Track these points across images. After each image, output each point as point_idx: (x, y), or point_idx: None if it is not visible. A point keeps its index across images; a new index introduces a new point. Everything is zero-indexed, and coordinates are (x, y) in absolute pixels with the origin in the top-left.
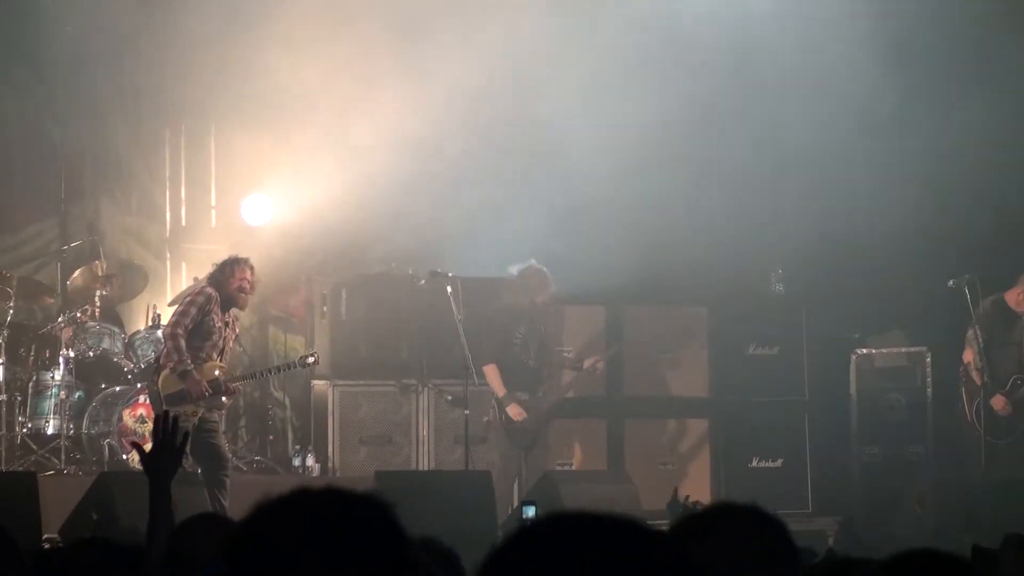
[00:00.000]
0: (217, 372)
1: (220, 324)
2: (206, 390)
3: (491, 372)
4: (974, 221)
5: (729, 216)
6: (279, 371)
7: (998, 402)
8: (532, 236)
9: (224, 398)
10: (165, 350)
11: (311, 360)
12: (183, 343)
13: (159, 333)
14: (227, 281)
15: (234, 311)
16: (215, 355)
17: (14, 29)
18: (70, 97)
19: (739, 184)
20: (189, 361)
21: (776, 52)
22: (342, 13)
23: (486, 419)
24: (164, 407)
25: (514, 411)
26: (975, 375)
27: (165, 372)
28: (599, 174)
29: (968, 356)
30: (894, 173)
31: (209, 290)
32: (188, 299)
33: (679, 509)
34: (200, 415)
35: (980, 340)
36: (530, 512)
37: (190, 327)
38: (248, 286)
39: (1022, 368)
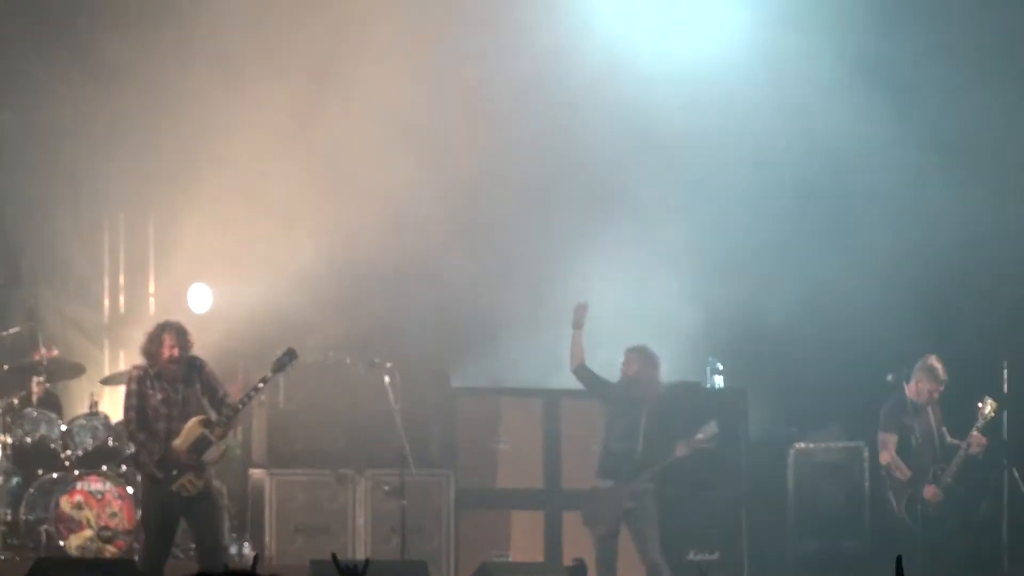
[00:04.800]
0: (202, 428)
1: (164, 394)
2: (184, 453)
3: None
4: (913, 315)
5: (666, 307)
6: (266, 383)
7: (929, 491)
8: (467, 329)
9: (216, 446)
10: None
11: (287, 358)
12: (141, 435)
13: (96, 421)
14: (158, 351)
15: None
16: (178, 424)
17: None
18: (7, 183)
19: (676, 274)
20: (156, 449)
21: (716, 146)
22: (283, 102)
23: None
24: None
25: None
26: (898, 474)
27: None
28: (536, 264)
29: (885, 458)
30: (832, 267)
31: (135, 372)
32: (124, 396)
33: None
34: (200, 486)
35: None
36: None
37: (135, 418)
38: (177, 355)
39: (935, 457)
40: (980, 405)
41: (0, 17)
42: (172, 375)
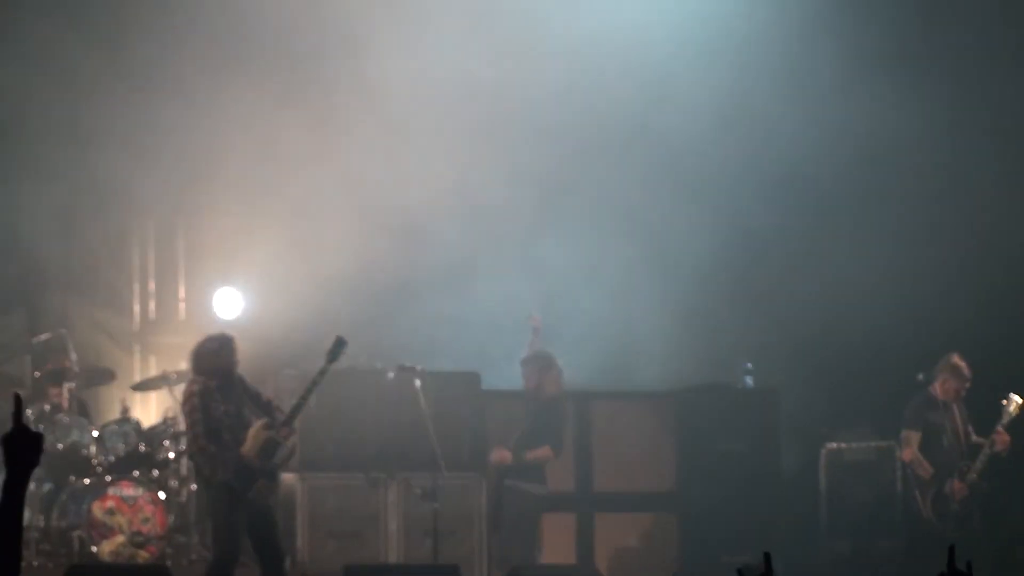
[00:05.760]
0: (267, 432)
1: (225, 406)
2: (256, 459)
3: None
4: (944, 313)
5: (698, 309)
6: (324, 375)
7: (955, 486)
8: (499, 331)
9: (285, 447)
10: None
11: (338, 347)
12: (213, 448)
13: (128, 426)
14: (228, 363)
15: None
16: (241, 433)
17: None
18: (37, 190)
19: (708, 276)
20: (228, 463)
21: (739, 142)
22: (315, 105)
23: None
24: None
25: None
26: (921, 471)
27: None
28: (565, 267)
29: (908, 455)
30: (863, 265)
31: (196, 387)
32: (187, 412)
33: None
34: (275, 491)
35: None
36: None
37: (203, 431)
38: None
39: (962, 455)
40: (1004, 402)
41: (27, 23)
42: (230, 386)
